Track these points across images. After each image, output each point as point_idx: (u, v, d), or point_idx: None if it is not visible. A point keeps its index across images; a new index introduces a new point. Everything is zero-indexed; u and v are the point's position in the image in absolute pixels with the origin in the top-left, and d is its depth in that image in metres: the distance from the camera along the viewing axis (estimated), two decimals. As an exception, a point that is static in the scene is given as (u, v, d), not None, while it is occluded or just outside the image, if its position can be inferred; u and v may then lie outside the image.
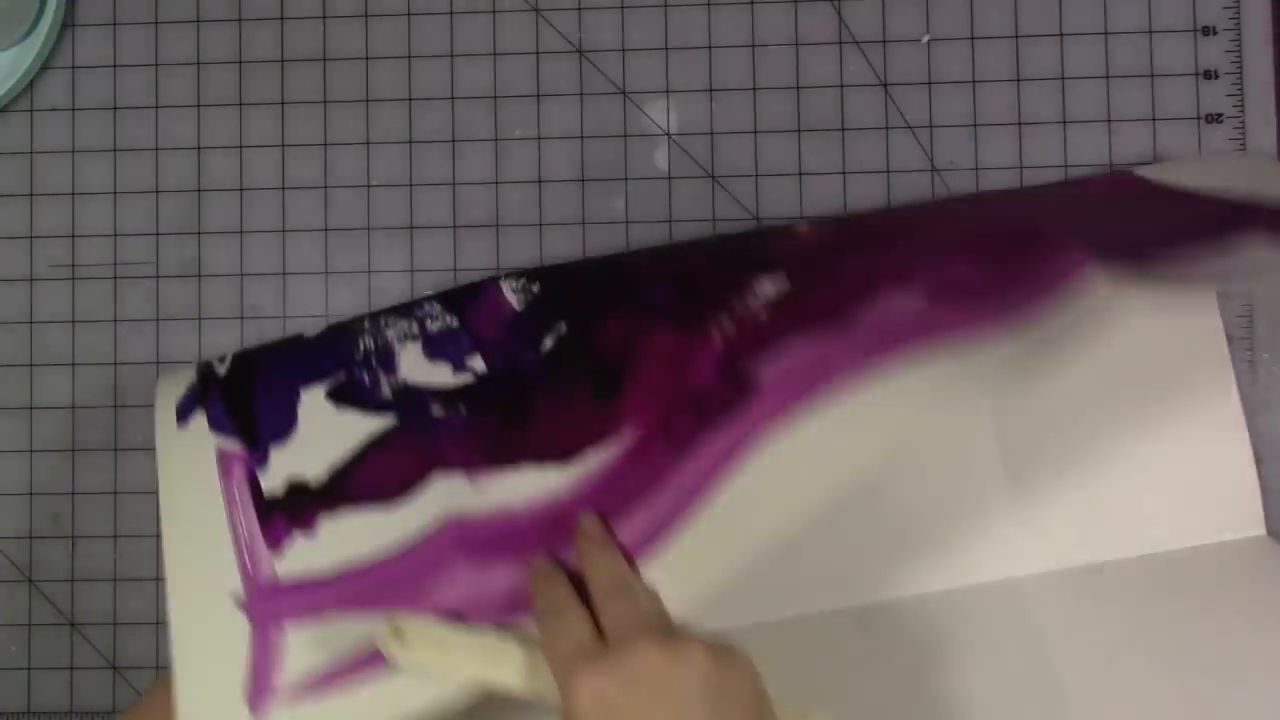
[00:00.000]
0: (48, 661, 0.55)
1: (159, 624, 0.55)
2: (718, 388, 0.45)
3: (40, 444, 0.55)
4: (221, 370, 0.51)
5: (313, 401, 0.48)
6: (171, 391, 0.51)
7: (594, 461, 0.46)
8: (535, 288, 0.51)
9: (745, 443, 0.43)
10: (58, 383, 0.55)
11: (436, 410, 0.48)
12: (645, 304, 0.49)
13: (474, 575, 0.45)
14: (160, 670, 0.54)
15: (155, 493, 0.54)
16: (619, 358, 0.48)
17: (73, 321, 0.55)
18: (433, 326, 0.51)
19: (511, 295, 0.51)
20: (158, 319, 0.55)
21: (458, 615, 0.45)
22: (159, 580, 0.55)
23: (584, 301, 0.50)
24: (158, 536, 0.54)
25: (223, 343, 0.55)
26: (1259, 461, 0.51)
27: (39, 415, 0.55)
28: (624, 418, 0.46)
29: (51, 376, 0.55)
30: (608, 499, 0.45)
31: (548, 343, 0.49)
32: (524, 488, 0.46)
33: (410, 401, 0.48)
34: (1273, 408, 0.52)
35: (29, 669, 0.55)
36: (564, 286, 0.51)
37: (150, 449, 0.54)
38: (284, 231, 0.55)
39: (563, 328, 0.49)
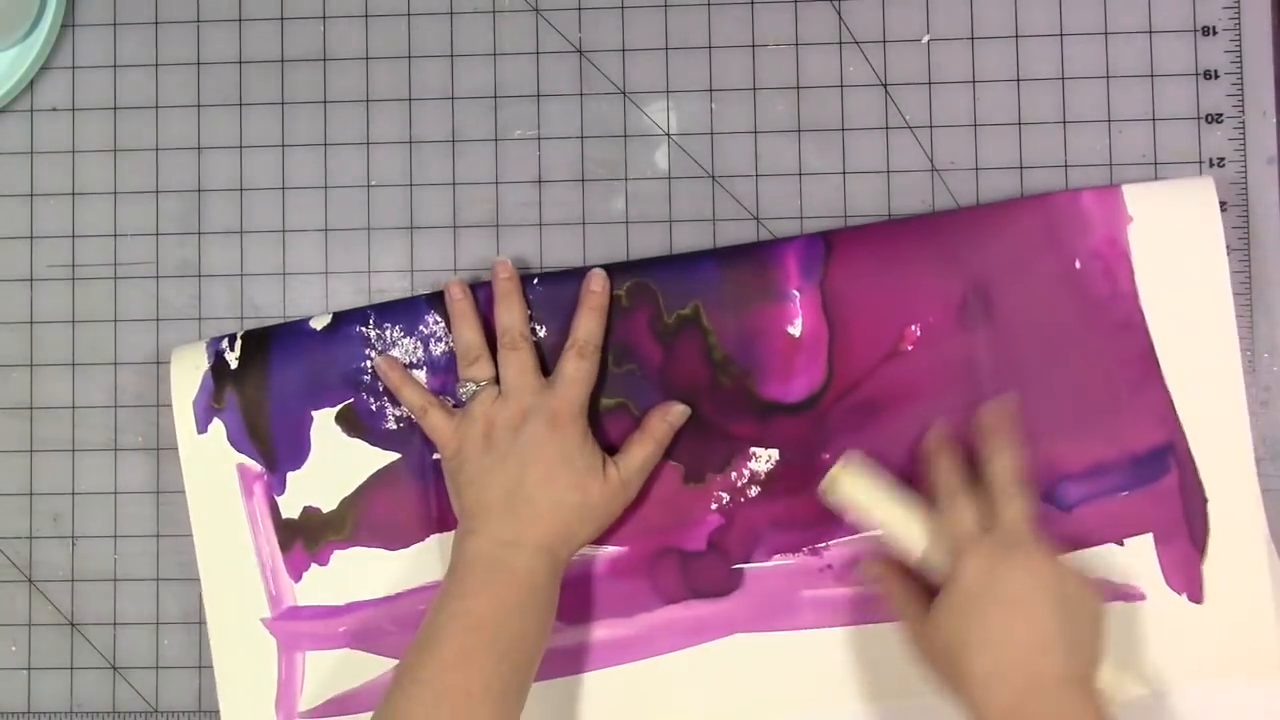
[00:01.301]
0: (48, 661, 0.55)
1: (159, 624, 0.55)
2: (716, 576, 0.52)
3: (40, 444, 0.55)
4: (233, 360, 0.53)
5: (323, 425, 0.53)
6: (187, 382, 0.53)
7: None
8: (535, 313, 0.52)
9: (718, 631, 0.52)
10: (58, 383, 0.55)
11: (433, 453, 0.52)
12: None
13: None
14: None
15: (155, 493, 0.55)
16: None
17: (73, 321, 0.55)
18: (436, 350, 0.53)
19: None
20: (158, 319, 0.55)
21: None
22: (159, 580, 0.55)
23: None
24: (158, 536, 0.54)
25: (223, 343, 0.55)
26: (1258, 461, 0.51)
27: (39, 415, 0.55)
28: (613, 529, 0.52)
29: (51, 376, 0.55)
30: (571, 593, 0.51)
31: None
32: None
33: (412, 441, 0.53)
34: (1272, 408, 0.53)
35: (29, 669, 0.55)
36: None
37: (150, 449, 0.55)
38: (284, 231, 0.55)
39: None
